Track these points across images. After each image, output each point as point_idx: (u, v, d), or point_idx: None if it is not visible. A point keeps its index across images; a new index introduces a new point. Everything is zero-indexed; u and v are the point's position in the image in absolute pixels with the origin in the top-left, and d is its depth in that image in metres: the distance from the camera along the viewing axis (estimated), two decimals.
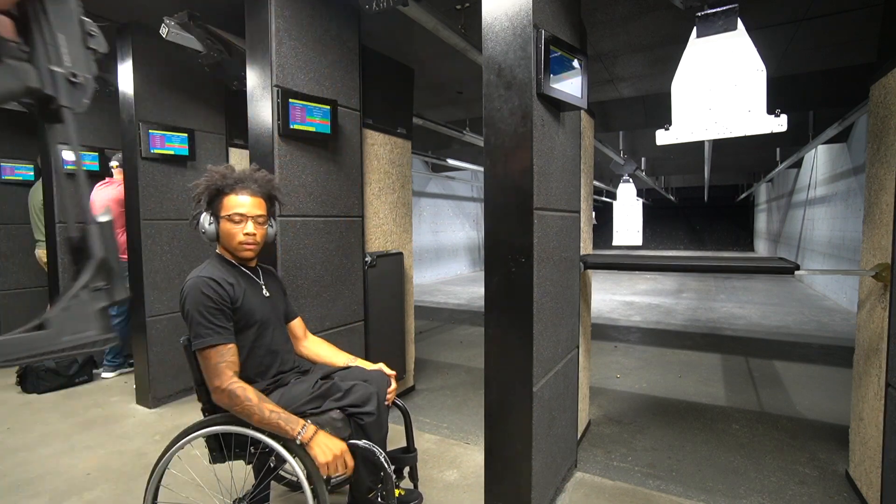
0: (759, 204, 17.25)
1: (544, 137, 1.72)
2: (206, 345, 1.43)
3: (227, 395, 1.41)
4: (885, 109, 1.92)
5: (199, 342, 1.44)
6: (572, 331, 2.18)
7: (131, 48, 2.95)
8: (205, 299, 1.45)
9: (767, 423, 2.88)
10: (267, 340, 1.61)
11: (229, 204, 1.56)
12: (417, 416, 2.99)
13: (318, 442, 1.41)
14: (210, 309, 1.45)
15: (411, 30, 2.97)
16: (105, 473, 2.27)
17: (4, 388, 3.47)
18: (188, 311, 1.46)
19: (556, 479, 2.05)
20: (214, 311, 1.46)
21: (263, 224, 1.62)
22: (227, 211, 1.56)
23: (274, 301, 1.71)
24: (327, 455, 1.40)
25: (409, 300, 3.37)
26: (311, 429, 1.42)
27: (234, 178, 1.57)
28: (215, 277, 1.50)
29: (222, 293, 1.49)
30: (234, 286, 1.53)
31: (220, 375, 1.42)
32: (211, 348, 1.43)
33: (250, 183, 1.59)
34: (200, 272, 1.53)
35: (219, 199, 1.57)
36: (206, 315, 1.45)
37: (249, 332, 1.57)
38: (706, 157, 7.23)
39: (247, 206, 1.57)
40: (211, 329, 1.44)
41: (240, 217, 1.56)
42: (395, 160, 3.25)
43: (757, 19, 2.88)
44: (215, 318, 1.46)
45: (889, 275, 1.83)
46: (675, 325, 5.77)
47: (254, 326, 1.58)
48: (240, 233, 1.56)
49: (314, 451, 1.40)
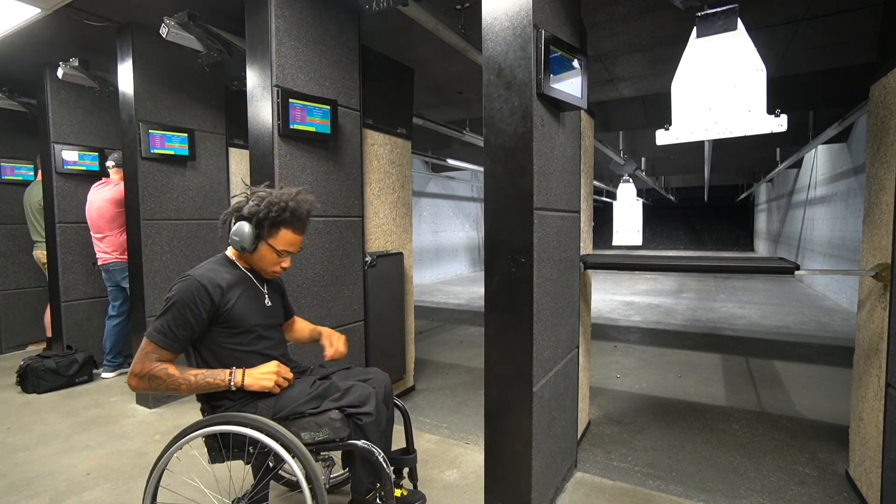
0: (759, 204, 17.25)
1: (544, 137, 1.72)
2: (155, 339, 1.44)
3: (146, 378, 1.42)
4: (885, 109, 1.92)
5: (152, 332, 1.45)
6: (572, 331, 2.18)
7: (131, 48, 2.96)
8: (184, 304, 1.46)
9: (767, 423, 2.88)
10: (261, 346, 1.61)
11: (285, 239, 1.59)
12: (417, 416, 2.99)
13: (251, 376, 1.50)
14: (182, 314, 1.45)
15: (411, 30, 2.97)
16: (105, 473, 2.27)
17: (4, 388, 3.47)
18: (172, 300, 1.46)
19: (556, 479, 2.05)
20: (184, 319, 1.46)
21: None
22: (279, 244, 1.59)
23: (274, 309, 1.71)
24: (267, 380, 1.50)
25: (409, 300, 3.37)
26: (238, 372, 1.49)
27: (296, 216, 1.59)
28: (207, 284, 1.49)
29: (206, 303, 1.48)
30: (225, 290, 1.53)
31: (143, 362, 1.43)
32: (154, 344, 1.44)
33: (307, 222, 1.63)
34: (200, 272, 1.53)
35: (276, 227, 1.57)
36: (176, 317, 1.45)
37: (241, 336, 1.56)
38: (706, 157, 7.23)
39: (297, 246, 1.63)
40: (169, 332, 1.45)
41: (288, 254, 1.62)
42: (395, 160, 3.25)
43: (757, 19, 2.88)
44: (181, 325, 1.46)
45: (889, 275, 1.83)
46: (675, 325, 5.77)
47: (245, 332, 1.57)
48: (279, 265, 1.63)
49: (254, 387, 1.49)
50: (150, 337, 1.44)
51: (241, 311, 1.55)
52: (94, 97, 3.72)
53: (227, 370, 1.49)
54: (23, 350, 4.48)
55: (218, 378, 1.47)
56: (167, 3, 2.61)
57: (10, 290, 4.42)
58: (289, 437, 1.41)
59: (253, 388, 1.49)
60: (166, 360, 1.45)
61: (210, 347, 1.54)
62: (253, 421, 1.44)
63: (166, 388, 1.43)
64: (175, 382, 1.43)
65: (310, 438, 1.51)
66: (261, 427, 1.43)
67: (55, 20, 2.74)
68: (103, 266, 3.56)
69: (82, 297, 3.93)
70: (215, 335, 1.53)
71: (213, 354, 1.54)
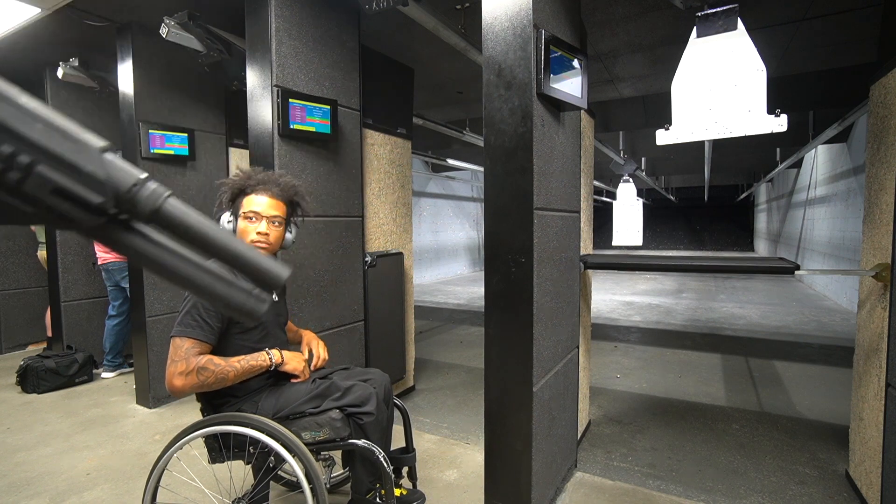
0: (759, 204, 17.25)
1: (544, 137, 1.72)
2: (187, 335, 1.43)
3: (195, 372, 1.39)
4: (885, 109, 1.92)
5: (180, 329, 1.43)
6: (572, 331, 2.18)
7: (131, 48, 2.95)
8: None
9: (767, 423, 2.88)
10: (269, 343, 1.62)
11: (247, 202, 1.58)
12: (417, 416, 2.99)
13: (288, 359, 1.58)
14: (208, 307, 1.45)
15: (411, 30, 2.97)
16: (105, 473, 2.27)
17: (4, 388, 3.47)
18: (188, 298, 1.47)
19: (556, 479, 2.05)
20: (212, 311, 1.46)
21: (279, 226, 1.62)
22: (244, 209, 1.58)
23: (279, 305, 1.72)
24: (299, 363, 1.60)
25: (409, 300, 3.37)
26: (276, 353, 1.56)
27: (258, 180, 1.61)
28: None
29: None
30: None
31: (186, 359, 1.40)
32: (189, 339, 1.43)
33: (272, 186, 1.61)
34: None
35: (240, 198, 1.60)
36: (200, 309, 1.45)
37: (253, 332, 1.57)
38: (706, 157, 7.23)
39: (263, 206, 1.58)
40: (197, 323, 1.44)
41: (254, 215, 1.58)
42: (395, 160, 3.25)
43: (757, 19, 2.88)
44: (209, 315, 1.46)
45: (889, 275, 1.83)
46: (675, 325, 5.77)
47: (257, 327, 1.58)
48: (252, 231, 1.57)
49: (288, 365, 1.57)
50: (184, 335, 1.43)
51: None
52: (95, 97, 3.72)
53: (264, 353, 1.53)
54: (23, 350, 4.48)
55: (259, 360, 1.51)
56: (167, 3, 2.61)
57: (10, 290, 4.42)
58: (289, 436, 1.41)
59: (287, 367, 1.56)
60: (205, 351, 1.45)
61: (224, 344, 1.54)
62: (253, 421, 1.44)
63: (215, 378, 1.43)
64: (223, 371, 1.44)
65: (310, 438, 1.51)
66: (261, 427, 1.43)
67: (55, 20, 2.74)
68: (103, 266, 3.56)
69: (82, 297, 3.93)
70: (230, 331, 1.54)
71: (226, 352, 1.54)
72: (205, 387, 1.42)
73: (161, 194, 0.45)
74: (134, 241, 0.47)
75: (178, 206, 0.47)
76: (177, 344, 1.43)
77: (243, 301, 0.51)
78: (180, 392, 1.41)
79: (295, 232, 1.74)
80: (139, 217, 0.45)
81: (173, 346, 1.43)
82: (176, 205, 0.46)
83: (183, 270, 0.49)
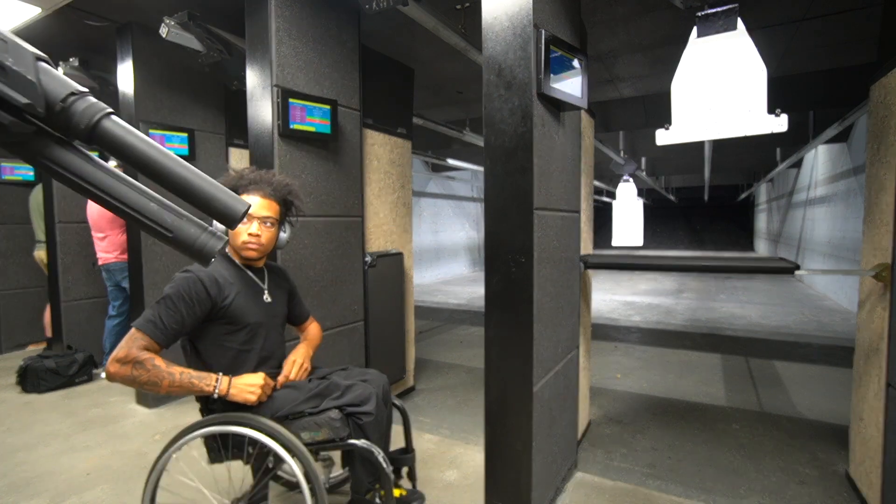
0: (759, 204, 17.25)
1: (544, 137, 1.72)
2: (142, 328, 1.38)
3: (130, 363, 1.33)
4: (885, 109, 1.92)
5: (140, 321, 1.39)
6: (572, 331, 2.18)
7: (131, 48, 2.95)
8: (179, 297, 1.43)
9: (767, 423, 2.88)
10: (258, 344, 1.60)
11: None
12: (417, 416, 2.99)
13: (236, 387, 1.45)
14: (176, 306, 1.42)
15: (411, 30, 2.97)
16: (105, 473, 2.27)
17: (4, 388, 3.47)
18: (167, 292, 1.44)
19: (556, 479, 2.05)
20: (176, 311, 1.42)
21: (271, 227, 1.61)
22: None
23: (275, 306, 1.69)
24: (251, 394, 1.46)
25: (409, 300, 3.37)
26: (225, 379, 1.45)
27: (250, 179, 1.59)
28: (205, 279, 1.48)
29: (202, 297, 1.46)
30: (223, 286, 1.52)
31: (128, 348, 1.35)
32: (141, 332, 1.38)
33: (264, 185, 1.59)
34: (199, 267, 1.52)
35: None
36: (169, 308, 1.42)
37: (240, 334, 1.56)
38: (706, 157, 7.23)
39: (254, 207, 1.56)
40: (159, 321, 1.40)
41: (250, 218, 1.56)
42: (395, 160, 3.25)
43: (757, 19, 2.88)
44: (171, 317, 1.42)
45: (889, 275, 1.83)
46: (675, 325, 5.77)
47: (244, 329, 1.56)
48: (244, 232, 1.56)
49: (237, 398, 1.44)
50: (137, 325, 1.39)
51: (239, 307, 1.55)
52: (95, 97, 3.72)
53: (215, 375, 1.44)
54: (23, 350, 4.48)
55: (203, 381, 1.41)
56: (167, 3, 2.61)
57: (10, 290, 4.42)
58: (288, 437, 1.41)
59: (236, 398, 1.45)
60: (153, 350, 1.39)
61: (208, 345, 1.53)
62: (252, 421, 1.44)
63: (147, 378, 1.34)
64: (158, 375, 1.35)
65: (309, 438, 1.51)
66: (260, 427, 1.43)
67: (55, 20, 2.74)
68: (104, 266, 3.56)
69: (82, 297, 3.93)
70: (214, 332, 1.52)
71: (211, 353, 1.53)
72: (136, 383, 1.35)
73: (100, 109, 0.41)
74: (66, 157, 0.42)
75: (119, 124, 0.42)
76: (131, 333, 1.39)
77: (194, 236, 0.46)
78: (113, 378, 1.35)
79: (290, 231, 1.73)
80: (75, 133, 0.42)
81: (128, 334, 1.39)
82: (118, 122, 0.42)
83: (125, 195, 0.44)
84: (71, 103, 0.41)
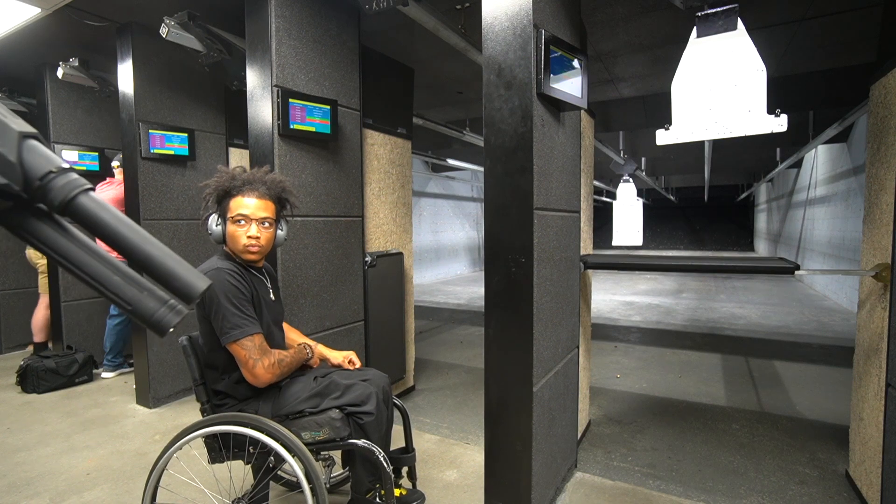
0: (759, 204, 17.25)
1: (544, 137, 1.72)
2: (249, 333, 1.44)
3: (277, 364, 1.51)
4: (885, 109, 1.92)
5: (238, 332, 1.43)
6: (572, 331, 2.18)
7: (131, 48, 2.95)
8: (233, 289, 1.45)
9: (767, 423, 2.88)
10: (269, 343, 1.61)
11: (234, 205, 1.54)
12: (417, 416, 2.99)
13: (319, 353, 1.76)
14: (241, 299, 1.45)
15: (411, 30, 2.97)
16: (105, 473, 2.27)
17: (4, 388, 3.47)
18: (215, 299, 1.43)
19: (556, 479, 2.05)
20: (244, 300, 1.46)
21: (269, 227, 1.60)
22: (231, 212, 1.54)
23: (277, 305, 1.72)
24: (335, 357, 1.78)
25: (409, 300, 3.37)
26: (312, 345, 1.76)
27: (243, 180, 1.57)
28: (235, 270, 1.50)
29: (243, 284, 1.50)
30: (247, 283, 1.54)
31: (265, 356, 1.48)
32: (248, 338, 1.44)
33: (258, 185, 1.57)
34: (217, 265, 1.51)
35: (226, 201, 1.56)
36: (237, 304, 1.44)
37: None
38: (706, 157, 7.23)
39: (251, 209, 1.55)
40: (246, 319, 1.45)
41: (243, 218, 1.54)
42: (395, 160, 3.25)
43: (757, 19, 2.88)
44: (246, 308, 1.46)
45: (889, 275, 1.83)
46: (675, 325, 5.77)
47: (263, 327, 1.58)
48: (243, 235, 1.54)
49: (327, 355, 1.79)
50: (247, 334, 1.45)
51: (259, 305, 1.57)
52: (94, 97, 3.72)
53: (300, 348, 1.68)
54: (23, 350, 4.48)
55: (304, 352, 1.69)
56: (167, 3, 2.61)
57: (10, 290, 4.42)
58: (289, 436, 1.41)
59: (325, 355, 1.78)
60: (262, 348, 1.51)
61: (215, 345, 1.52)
62: (253, 421, 1.44)
63: (289, 368, 1.57)
64: (289, 363, 1.57)
65: (310, 438, 1.51)
66: (261, 427, 1.43)
67: (55, 20, 2.74)
68: None
69: (82, 297, 3.93)
70: None
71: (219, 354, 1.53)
72: (282, 376, 1.55)
73: (77, 186, 0.44)
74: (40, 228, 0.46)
75: (93, 201, 0.45)
76: (245, 345, 1.44)
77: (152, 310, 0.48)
78: (268, 383, 1.53)
79: (286, 228, 1.73)
80: (51, 206, 0.44)
81: (242, 349, 1.44)
82: (92, 199, 0.45)
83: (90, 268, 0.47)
84: (49, 181, 0.44)
